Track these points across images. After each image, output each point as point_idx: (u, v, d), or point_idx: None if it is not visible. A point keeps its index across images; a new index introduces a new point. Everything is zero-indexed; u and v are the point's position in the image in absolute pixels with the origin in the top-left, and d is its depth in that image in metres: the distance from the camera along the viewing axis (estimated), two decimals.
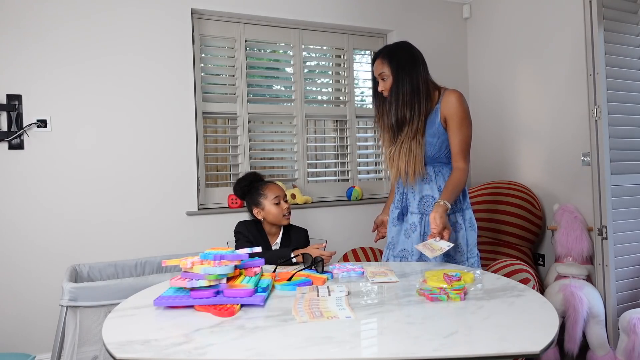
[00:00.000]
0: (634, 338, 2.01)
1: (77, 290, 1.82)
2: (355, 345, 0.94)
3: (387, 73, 1.82)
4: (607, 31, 2.21)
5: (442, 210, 1.66)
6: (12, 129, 2.33)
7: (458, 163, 1.81)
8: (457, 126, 1.80)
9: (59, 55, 2.41)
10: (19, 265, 2.36)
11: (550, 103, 2.90)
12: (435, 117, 1.82)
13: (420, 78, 1.82)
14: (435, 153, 1.84)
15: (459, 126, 1.80)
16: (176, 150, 2.65)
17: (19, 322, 2.36)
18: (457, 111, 1.79)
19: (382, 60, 1.84)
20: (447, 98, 1.81)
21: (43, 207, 2.40)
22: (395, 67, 1.81)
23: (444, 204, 1.68)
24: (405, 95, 1.80)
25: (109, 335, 1.00)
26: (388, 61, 1.82)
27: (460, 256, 1.84)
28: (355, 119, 3.25)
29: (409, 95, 1.80)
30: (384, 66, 1.83)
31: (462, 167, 1.81)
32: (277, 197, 2.03)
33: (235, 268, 1.30)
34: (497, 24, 3.28)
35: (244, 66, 2.90)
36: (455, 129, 1.80)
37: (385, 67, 1.82)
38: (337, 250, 2.80)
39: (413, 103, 1.80)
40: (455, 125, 1.80)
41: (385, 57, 1.84)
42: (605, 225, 2.18)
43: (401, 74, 1.80)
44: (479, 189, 3.03)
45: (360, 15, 3.14)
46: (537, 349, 0.90)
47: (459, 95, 1.82)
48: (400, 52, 1.84)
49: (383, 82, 1.85)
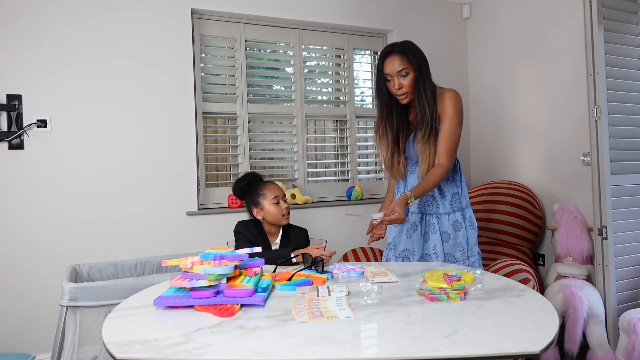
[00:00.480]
0: (634, 338, 2.01)
1: (77, 290, 1.82)
2: (355, 345, 0.94)
3: (410, 68, 1.77)
4: (607, 31, 2.21)
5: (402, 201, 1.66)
6: (12, 129, 2.33)
7: (441, 159, 1.77)
8: (447, 124, 1.78)
9: (59, 55, 2.41)
10: (19, 265, 2.36)
11: (550, 103, 2.90)
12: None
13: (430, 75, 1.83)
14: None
15: (448, 124, 1.78)
16: (176, 150, 2.65)
17: (19, 322, 2.36)
18: (451, 110, 1.79)
19: (401, 56, 1.77)
20: (445, 97, 1.81)
21: (43, 207, 2.40)
22: (417, 62, 1.78)
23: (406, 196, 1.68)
24: (429, 91, 1.79)
25: (109, 335, 1.00)
26: (408, 56, 1.77)
27: (461, 254, 1.84)
28: (355, 119, 3.25)
29: (431, 92, 1.80)
30: (403, 61, 1.77)
31: (443, 164, 1.76)
32: (276, 196, 2.03)
33: (235, 268, 1.30)
34: (497, 24, 3.28)
35: (244, 66, 2.90)
36: (445, 127, 1.79)
37: (404, 63, 1.77)
38: (337, 250, 2.80)
39: (435, 100, 1.81)
40: (446, 123, 1.79)
41: (403, 52, 1.78)
42: (605, 225, 2.18)
43: (424, 70, 1.79)
44: (478, 189, 3.03)
45: (360, 15, 3.14)
46: (537, 349, 0.90)
47: (454, 94, 1.81)
48: (415, 48, 1.82)
49: (402, 78, 1.78)
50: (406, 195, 1.68)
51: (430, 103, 1.78)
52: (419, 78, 1.78)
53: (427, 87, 1.78)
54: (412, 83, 1.78)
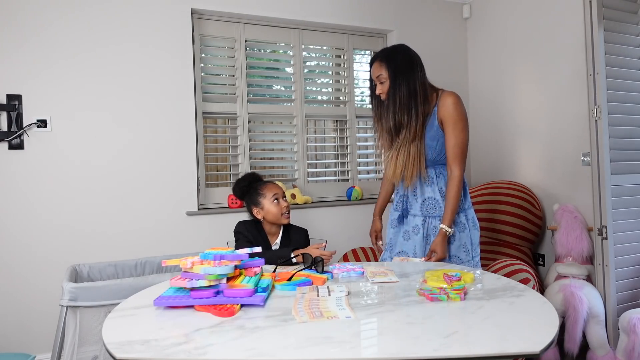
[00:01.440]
0: (634, 338, 2.01)
1: (77, 290, 1.82)
2: (355, 345, 0.94)
3: (385, 76, 1.82)
4: (607, 31, 2.21)
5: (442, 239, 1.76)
6: (12, 129, 2.33)
7: (453, 170, 1.80)
8: (452, 129, 1.79)
9: (59, 55, 2.41)
10: (19, 265, 2.36)
11: (550, 103, 2.90)
12: (434, 120, 1.82)
13: (418, 81, 1.81)
14: (436, 156, 1.84)
15: (453, 129, 1.79)
16: (176, 150, 2.65)
17: (19, 322, 2.36)
18: (452, 114, 1.79)
19: (380, 63, 1.83)
20: (444, 100, 1.81)
21: (43, 207, 2.40)
22: (393, 70, 1.80)
23: (444, 232, 1.76)
24: (403, 98, 1.79)
25: (109, 335, 1.00)
26: (386, 64, 1.82)
27: (465, 255, 1.85)
28: (355, 119, 3.25)
29: (406, 98, 1.79)
30: (381, 69, 1.82)
31: (456, 175, 1.80)
32: (276, 195, 2.03)
33: (235, 268, 1.30)
34: (497, 24, 3.28)
35: (244, 66, 2.90)
36: (449, 133, 1.80)
37: (382, 70, 1.82)
38: (337, 250, 2.80)
39: (410, 106, 1.80)
40: (449, 129, 1.80)
41: (383, 60, 1.83)
42: (605, 225, 2.18)
43: (399, 78, 1.80)
44: (478, 189, 3.03)
45: (360, 15, 3.14)
46: (537, 349, 0.90)
47: (455, 97, 1.81)
48: (398, 56, 1.83)
49: (381, 85, 1.84)
50: (443, 231, 1.77)
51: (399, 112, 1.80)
52: (391, 86, 1.81)
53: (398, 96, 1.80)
54: (387, 90, 1.83)
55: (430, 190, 1.85)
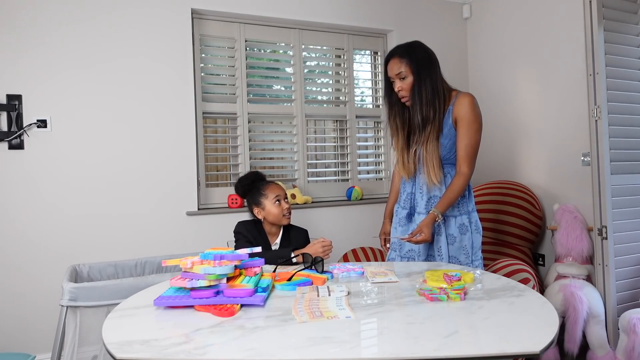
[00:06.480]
0: (634, 338, 2.01)
1: (77, 290, 1.82)
2: (355, 345, 0.94)
3: (406, 72, 1.79)
4: (607, 31, 2.21)
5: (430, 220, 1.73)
6: (12, 129, 2.33)
7: (462, 168, 1.80)
8: (465, 130, 1.79)
9: (59, 55, 2.41)
10: (19, 265, 2.36)
11: (550, 103, 2.90)
12: (448, 119, 1.82)
13: (438, 78, 1.82)
14: (446, 154, 1.84)
15: (467, 130, 1.79)
16: (176, 150, 2.65)
17: (19, 322, 2.36)
18: (468, 114, 1.78)
19: (400, 59, 1.81)
20: (460, 100, 1.80)
21: (43, 207, 2.40)
22: (416, 66, 1.79)
23: (434, 215, 1.74)
24: (428, 94, 1.78)
25: (109, 335, 1.00)
26: (407, 60, 1.80)
27: (465, 258, 1.84)
28: (355, 119, 3.25)
29: (431, 94, 1.78)
30: (402, 65, 1.80)
31: (464, 172, 1.79)
32: (278, 196, 2.03)
33: (235, 268, 1.30)
34: (497, 24, 3.28)
35: (244, 66, 2.90)
36: (463, 133, 1.79)
37: (403, 66, 1.80)
38: (337, 250, 2.80)
39: (435, 102, 1.79)
40: (464, 129, 1.79)
41: (403, 56, 1.81)
42: (605, 225, 2.18)
43: (422, 73, 1.79)
44: (479, 189, 3.03)
45: (360, 15, 3.14)
46: (537, 349, 0.90)
47: (471, 98, 1.81)
48: (418, 51, 1.82)
49: (401, 81, 1.81)
50: (434, 214, 1.74)
51: (426, 107, 1.78)
52: (416, 82, 1.79)
53: (424, 91, 1.78)
54: (410, 86, 1.80)
55: (437, 189, 1.84)
